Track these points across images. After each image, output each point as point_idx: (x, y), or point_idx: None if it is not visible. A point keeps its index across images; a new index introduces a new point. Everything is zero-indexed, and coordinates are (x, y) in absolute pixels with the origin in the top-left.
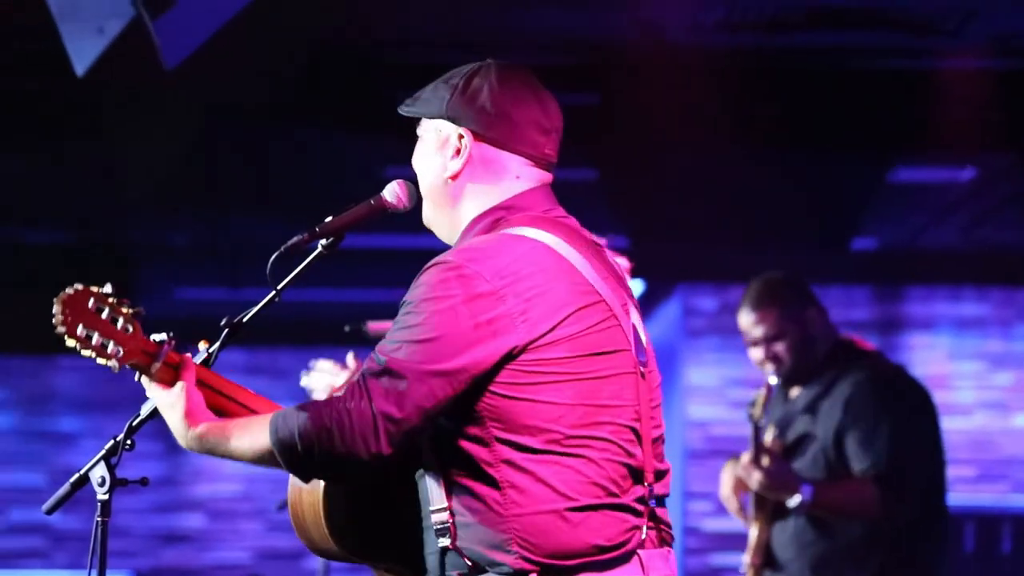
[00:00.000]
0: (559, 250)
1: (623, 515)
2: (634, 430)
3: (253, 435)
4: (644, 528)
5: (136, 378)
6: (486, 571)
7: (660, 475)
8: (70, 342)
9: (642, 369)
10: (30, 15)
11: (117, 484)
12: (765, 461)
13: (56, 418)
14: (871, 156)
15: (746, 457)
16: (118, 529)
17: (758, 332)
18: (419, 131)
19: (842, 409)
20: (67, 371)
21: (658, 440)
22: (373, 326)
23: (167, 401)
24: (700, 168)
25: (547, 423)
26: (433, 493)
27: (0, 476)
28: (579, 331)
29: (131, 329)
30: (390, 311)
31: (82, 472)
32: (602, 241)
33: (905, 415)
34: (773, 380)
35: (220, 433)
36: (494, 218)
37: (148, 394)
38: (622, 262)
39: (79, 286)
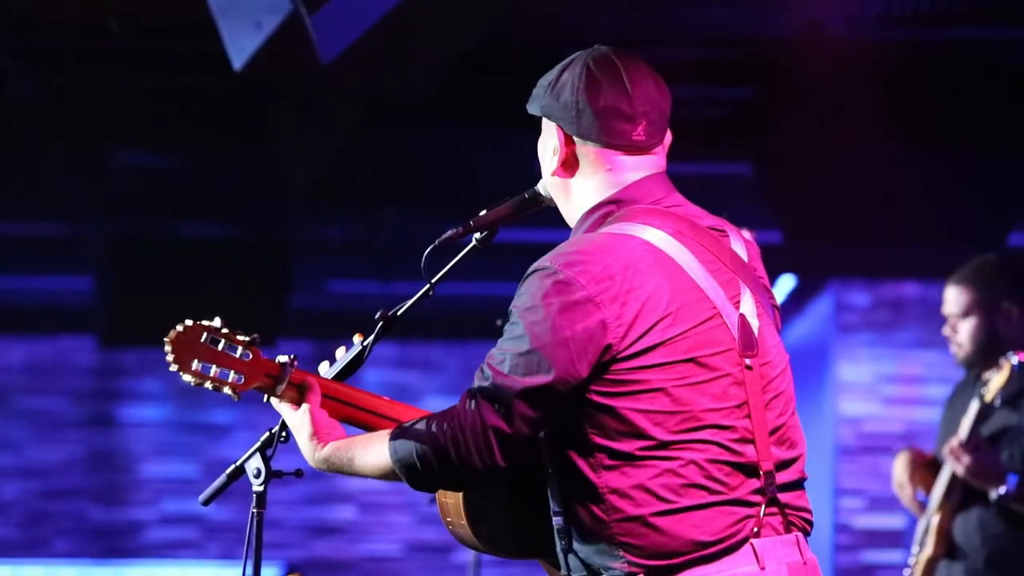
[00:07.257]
0: (663, 247)
1: (730, 509)
2: (743, 428)
3: (375, 454)
4: (759, 517)
5: (264, 400)
6: (601, 574)
7: (785, 464)
8: (185, 377)
9: (748, 363)
10: (190, 12)
11: (272, 476)
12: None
13: (210, 410)
14: None
15: (955, 441)
16: (270, 521)
17: (947, 307)
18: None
19: None
20: None
21: (779, 429)
22: None
23: (294, 422)
24: (855, 163)
25: (645, 429)
26: (553, 496)
27: (154, 467)
28: (676, 335)
29: (250, 355)
30: None
31: (238, 463)
32: (725, 224)
33: None
34: (1015, 359)
35: (344, 453)
36: (603, 213)
37: (280, 413)
38: (746, 234)
39: (188, 322)
